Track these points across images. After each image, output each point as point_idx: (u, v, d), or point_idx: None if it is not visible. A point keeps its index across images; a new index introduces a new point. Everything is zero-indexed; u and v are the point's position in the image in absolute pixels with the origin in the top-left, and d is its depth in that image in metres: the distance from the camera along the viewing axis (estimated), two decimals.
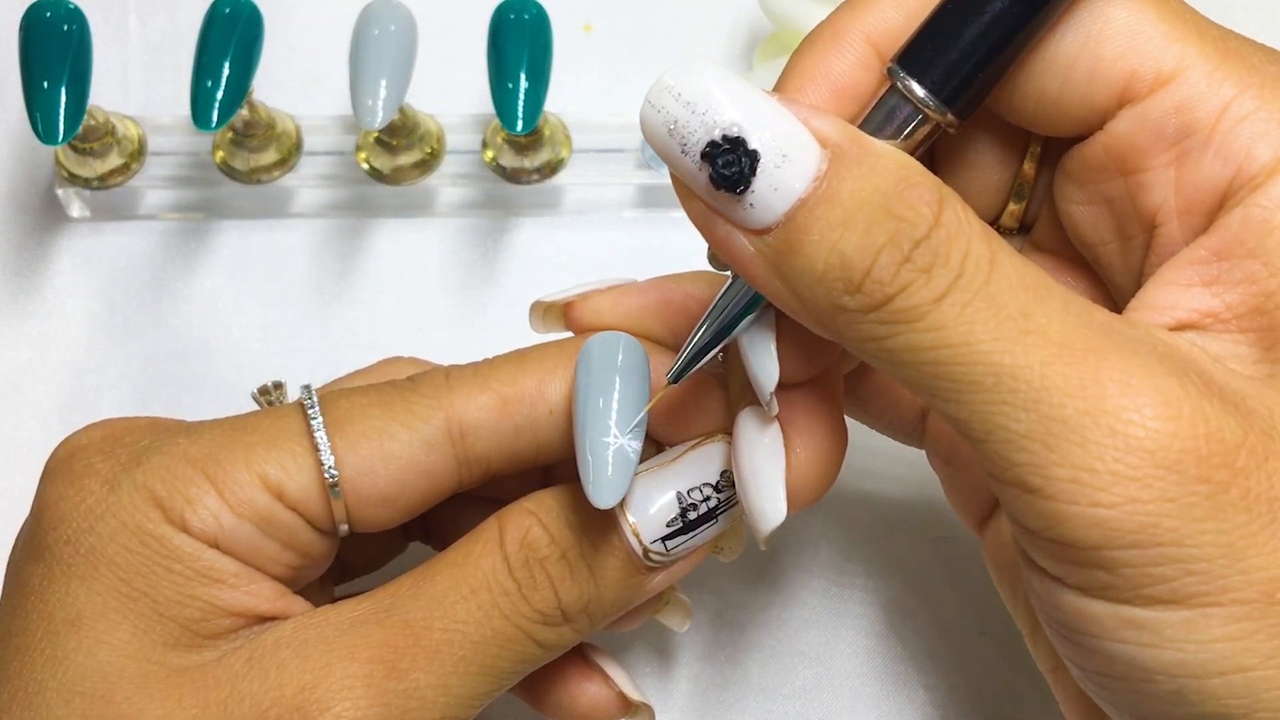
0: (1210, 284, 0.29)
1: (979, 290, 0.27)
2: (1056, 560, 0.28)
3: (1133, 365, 0.27)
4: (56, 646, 0.32)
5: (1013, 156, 0.34)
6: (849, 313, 0.28)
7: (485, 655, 0.33)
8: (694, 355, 0.32)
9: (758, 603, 0.45)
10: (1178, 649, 0.27)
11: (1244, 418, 0.27)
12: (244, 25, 0.46)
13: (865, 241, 0.27)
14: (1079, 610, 0.28)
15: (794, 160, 0.28)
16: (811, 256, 0.28)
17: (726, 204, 0.29)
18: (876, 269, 0.27)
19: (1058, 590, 0.28)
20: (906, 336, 0.27)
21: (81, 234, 0.50)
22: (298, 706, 0.32)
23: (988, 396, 0.27)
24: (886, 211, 0.27)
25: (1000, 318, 0.27)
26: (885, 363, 0.28)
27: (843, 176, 0.28)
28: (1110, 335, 0.28)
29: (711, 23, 0.54)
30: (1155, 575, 0.27)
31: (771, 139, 0.28)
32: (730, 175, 0.28)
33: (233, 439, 0.34)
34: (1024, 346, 0.27)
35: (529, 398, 0.35)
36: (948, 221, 0.28)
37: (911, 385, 0.28)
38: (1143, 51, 0.30)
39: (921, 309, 0.27)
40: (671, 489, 0.34)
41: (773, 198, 0.28)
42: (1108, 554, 0.27)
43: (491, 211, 0.51)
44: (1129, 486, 0.26)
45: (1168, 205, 0.30)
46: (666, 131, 0.29)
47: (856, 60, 0.31)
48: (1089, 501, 0.26)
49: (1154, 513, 0.26)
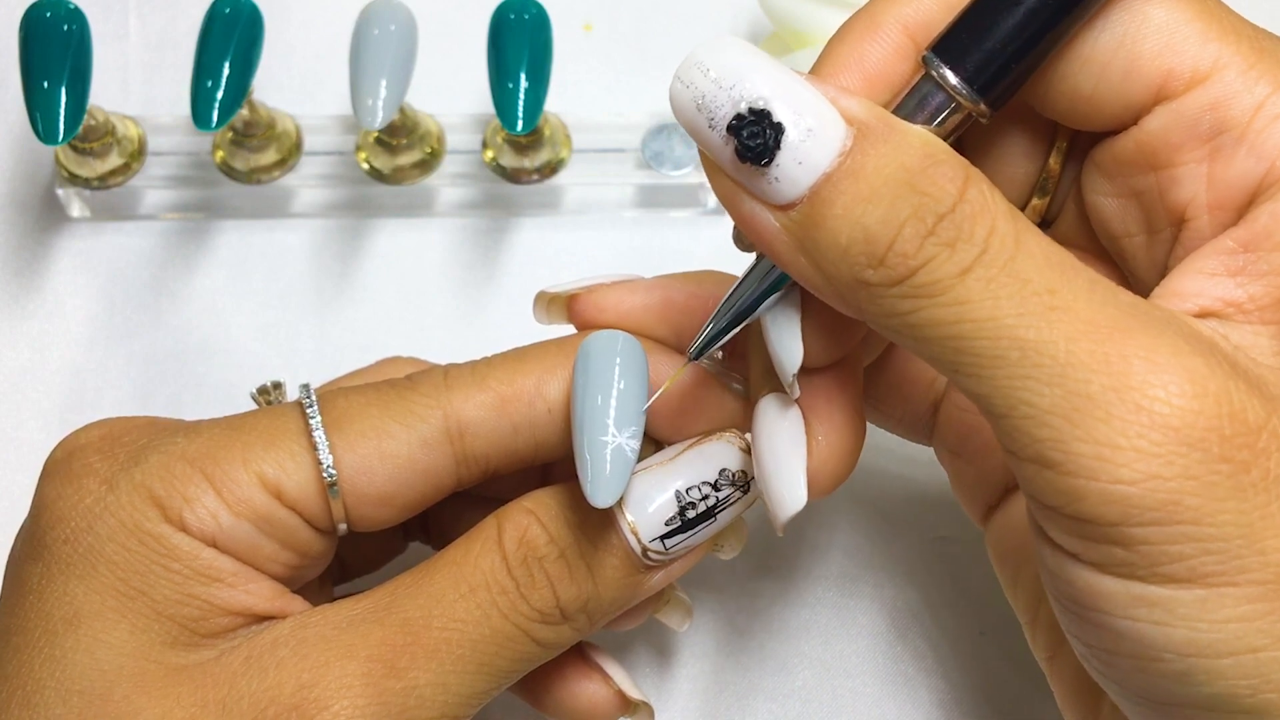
0: (1235, 274, 0.30)
1: (1004, 265, 0.27)
2: (1073, 536, 0.28)
3: (1159, 343, 0.27)
4: (55, 645, 0.32)
5: (1039, 150, 0.34)
6: (872, 287, 0.28)
7: (484, 654, 0.33)
8: (716, 333, 0.32)
9: (758, 602, 0.45)
10: (1189, 627, 0.27)
11: (1267, 400, 0.27)
12: (244, 25, 0.46)
13: (889, 216, 0.28)
14: (1091, 586, 0.28)
15: (819, 135, 0.28)
16: (835, 230, 0.28)
17: (752, 178, 0.29)
18: (900, 242, 0.27)
19: (1071, 566, 0.28)
20: (930, 311, 0.27)
21: (81, 234, 0.50)
22: (296, 705, 0.32)
23: (1011, 371, 0.27)
24: (911, 187, 0.28)
25: (1025, 293, 0.27)
26: (908, 338, 0.28)
27: (868, 152, 0.28)
28: (1136, 314, 0.28)
29: (712, 23, 0.54)
30: (1173, 553, 0.26)
31: (797, 113, 0.28)
32: (755, 147, 0.28)
33: (231, 438, 0.34)
34: (1049, 322, 0.27)
35: (527, 396, 0.35)
36: (972, 198, 0.28)
37: (934, 360, 0.28)
38: (1179, 50, 0.30)
39: (945, 283, 0.27)
40: (670, 488, 0.34)
41: (797, 172, 0.28)
42: (1127, 530, 0.27)
43: (491, 211, 0.51)
44: (1151, 463, 0.26)
45: (1199, 200, 0.30)
46: (695, 107, 0.29)
47: (892, 48, 0.31)
48: (1110, 478, 0.26)
49: (1175, 490, 0.26)
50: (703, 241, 0.51)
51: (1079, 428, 0.26)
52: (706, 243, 0.50)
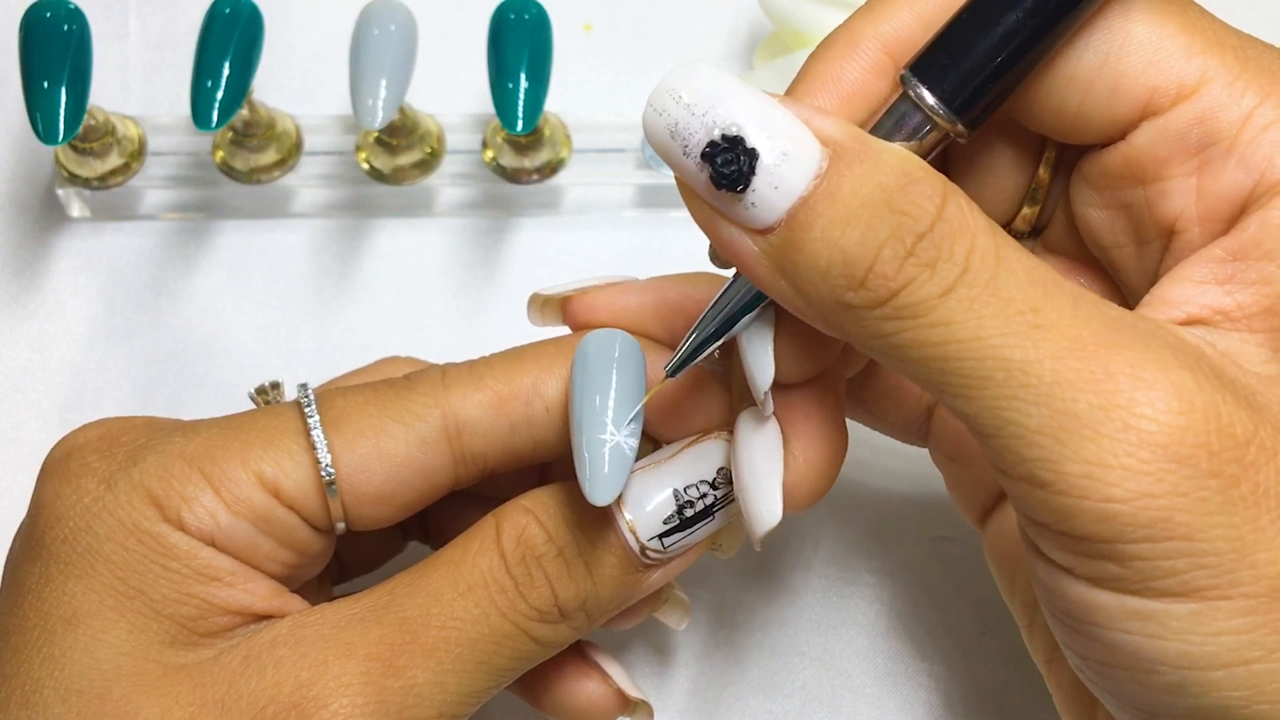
0: (1224, 282, 0.29)
1: (985, 284, 0.27)
2: (1066, 552, 0.28)
3: (1145, 359, 0.27)
4: (54, 645, 0.32)
5: (1028, 160, 0.34)
6: (854, 309, 0.28)
7: (482, 652, 0.33)
8: (693, 350, 0.32)
9: (757, 601, 0.45)
10: (1183, 640, 0.27)
11: (1255, 412, 0.27)
12: (244, 25, 0.46)
13: (867, 237, 0.27)
14: (1085, 600, 0.28)
15: (794, 158, 0.28)
16: (814, 253, 0.28)
17: (728, 204, 0.29)
18: (879, 264, 0.27)
19: (1064, 580, 0.28)
20: (913, 332, 0.27)
21: (81, 234, 0.50)
22: (295, 704, 0.32)
23: (998, 392, 0.27)
24: (888, 207, 0.27)
25: (1009, 312, 0.27)
26: (892, 359, 0.28)
27: (844, 173, 0.28)
28: (1121, 329, 0.27)
29: (712, 23, 0.54)
30: (1166, 569, 0.27)
31: (771, 137, 0.28)
32: (729, 174, 0.28)
33: (229, 437, 0.34)
34: (1034, 341, 0.27)
35: (525, 395, 0.35)
36: (951, 216, 0.28)
37: (920, 381, 0.28)
38: (1164, 67, 0.30)
39: (927, 304, 0.27)
40: (668, 486, 0.34)
41: (774, 196, 0.28)
42: (1119, 547, 0.27)
43: (491, 211, 0.51)
44: (1141, 481, 0.26)
45: (1188, 212, 0.30)
46: (668, 134, 0.29)
47: (870, 66, 0.31)
48: (1101, 496, 0.26)
49: (1166, 507, 0.26)
50: (702, 242, 0.50)
51: (1068, 447, 0.26)
52: (706, 243, 0.50)
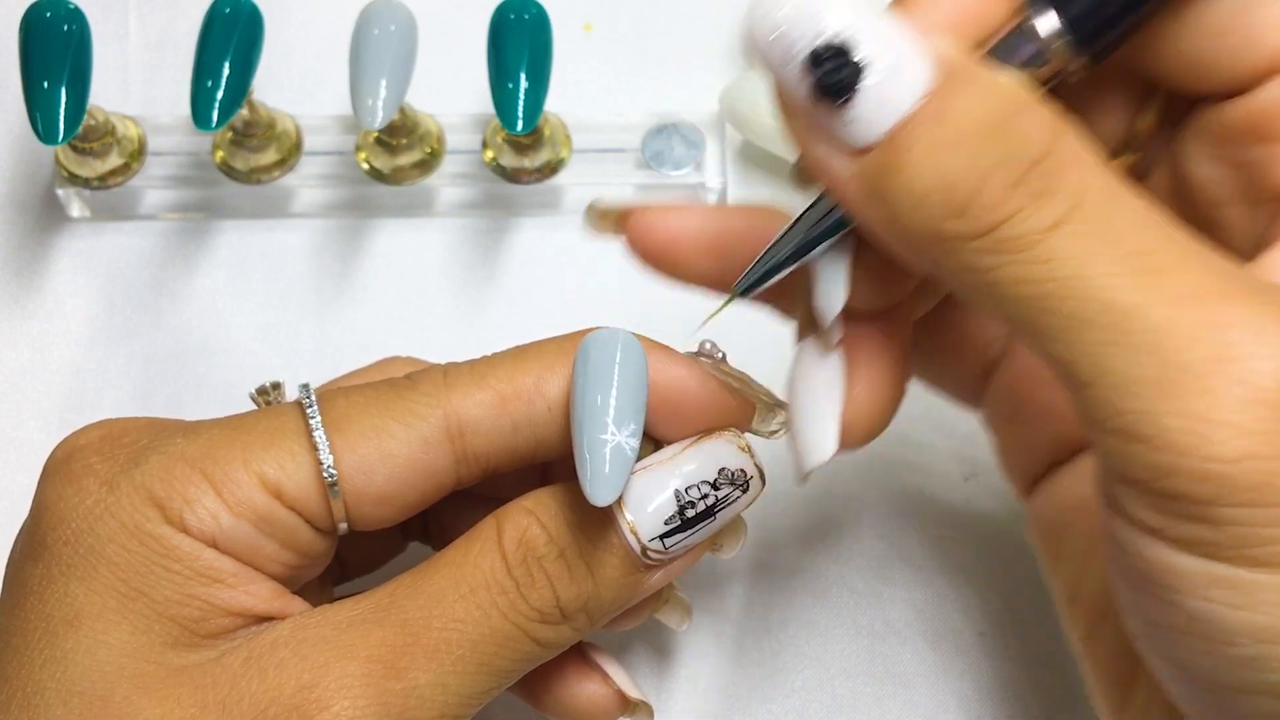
0: None
1: (1098, 221, 0.26)
2: (1156, 512, 0.26)
3: (1262, 313, 0.25)
4: (55, 646, 0.32)
5: (1129, 107, 0.32)
6: (950, 239, 0.26)
7: (484, 653, 0.33)
8: (765, 272, 0.31)
9: (757, 602, 0.45)
10: (1268, 613, 0.26)
11: None
12: (244, 25, 0.46)
13: (973, 163, 0.26)
14: (1167, 564, 0.26)
15: (901, 74, 0.26)
16: (913, 177, 0.26)
17: (827, 118, 0.27)
18: (984, 192, 0.26)
19: (1147, 542, 0.27)
20: (1013, 268, 0.26)
21: (81, 234, 0.50)
22: (296, 706, 0.32)
23: (1100, 336, 0.25)
24: (998, 133, 0.26)
25: (1120, 253, 0.25)
26: (986, 296, 0.27)
27: (954, 95, 0.26)
28: (1237, 281, 0.26)
29: (712, 23, 0.54)
30: (1264, 536, 0.25)
31: (879, 50, 0.26)
32: (833, 84, 0.26)
33: (231, 438, 0.34)
34: (1146, 284, 0.25)
35: (527, 395, 0.35)
36: (1065, 148, 0.26)
37: (1013, 321, 0.27)
38: None
39: (1032, 237, 0.26)
40: (669, 487, 0.34)
41: (876, 113, 0.27)
42: (1217, 510, 0.25)
43: (491, 211, 0.51)
44: (1251, 441, 0.25)
45: None
46: (770, 38, 0.27)
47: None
48: (1204, 455, 0.25)
49: (1272, 471, 0.25)
50: None
51: (1173, 400, 0.25)
52: None
